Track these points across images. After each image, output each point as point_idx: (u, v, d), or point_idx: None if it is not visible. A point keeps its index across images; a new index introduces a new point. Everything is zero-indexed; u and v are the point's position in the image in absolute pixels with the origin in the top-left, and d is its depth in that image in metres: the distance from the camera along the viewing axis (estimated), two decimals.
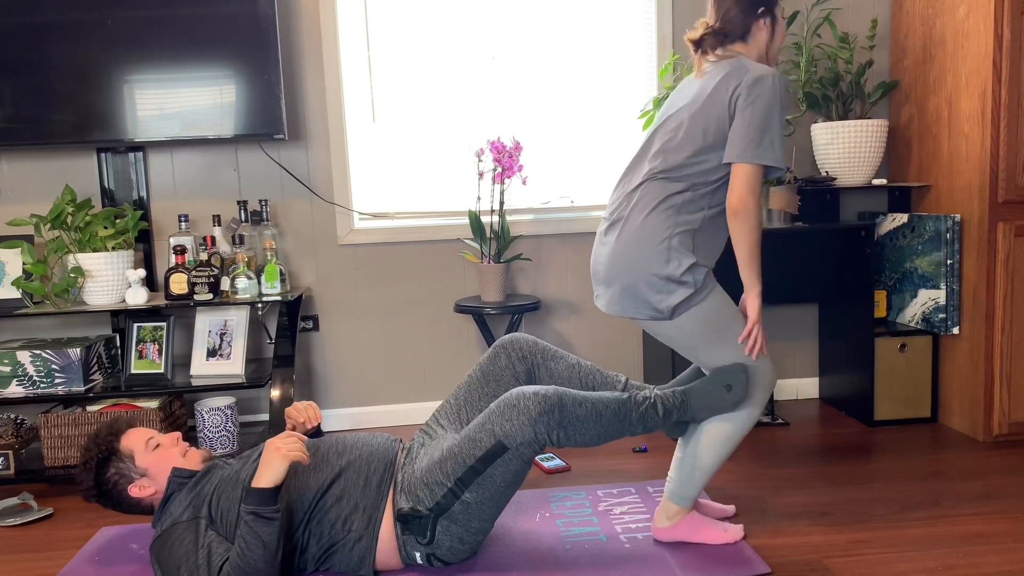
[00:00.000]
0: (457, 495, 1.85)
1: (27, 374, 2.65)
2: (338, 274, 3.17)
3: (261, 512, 1.71)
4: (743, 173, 1.85)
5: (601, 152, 3.25)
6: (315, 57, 3.05)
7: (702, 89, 1.94)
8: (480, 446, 1.84)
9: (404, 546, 1.90)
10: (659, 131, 2.00)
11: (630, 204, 1.97)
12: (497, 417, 1.84)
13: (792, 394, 3.42)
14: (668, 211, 1.92)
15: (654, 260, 1.91)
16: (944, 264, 2.85)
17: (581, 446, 1.91)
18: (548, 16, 3.17)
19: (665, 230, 1.91)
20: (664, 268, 1.90)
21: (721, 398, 1.96)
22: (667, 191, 1.92)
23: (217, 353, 2.87)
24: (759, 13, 1.97)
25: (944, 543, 2.05)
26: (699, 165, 1.91)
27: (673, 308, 1.91)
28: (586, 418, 1.87)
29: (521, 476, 1.90)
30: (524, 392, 1.86)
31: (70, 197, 2.71)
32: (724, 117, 1.89)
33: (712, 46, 1.99)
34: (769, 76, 1.86)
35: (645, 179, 1.96)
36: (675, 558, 2.00)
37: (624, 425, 1.92)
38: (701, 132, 1.90)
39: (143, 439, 2.00)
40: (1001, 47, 2.63)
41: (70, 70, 2.77)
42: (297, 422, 2.12)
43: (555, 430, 1.83)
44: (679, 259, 1.90)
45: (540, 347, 2.18)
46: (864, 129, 2.97)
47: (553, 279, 3.27)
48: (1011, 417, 2.77)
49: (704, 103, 1.91)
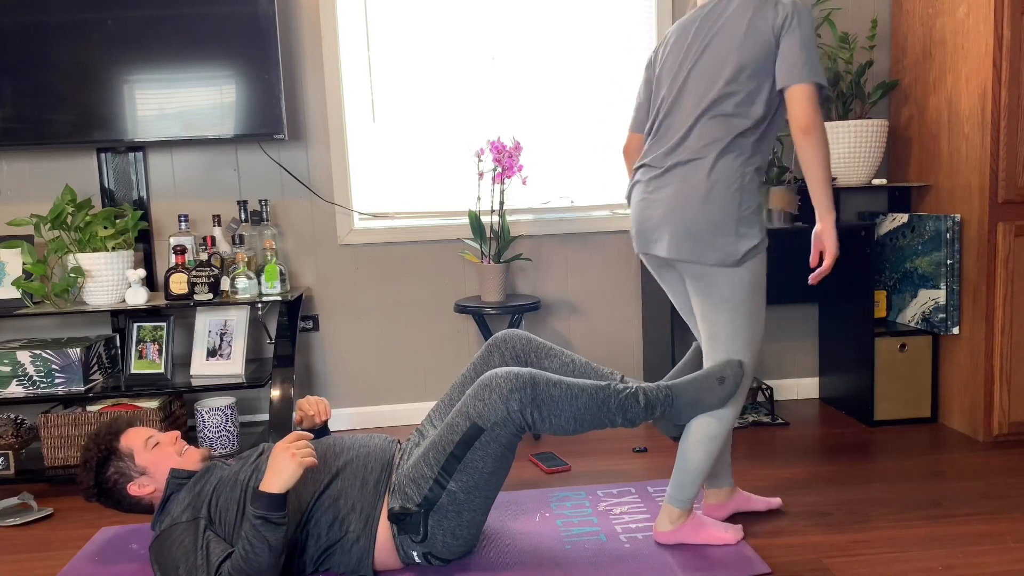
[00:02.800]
0: (443, 485, 1.85)
1: (27, 374, 2.65)
2: (338, 274, 3.17)
3: (270, 517, 1.70)
4: (806, 93, 1.83)
5: (601, 152, 3.25)
6: (315, 57, 3.05)
7: (734, 24, 1.91)
8: (456, 431, 1.84)
9: (401, 546, 1.90)
10: (691, 76, 1.95)
11: (689, 147, 1.93)
12: (471, 399, 1.85)
13: (792, 394, 3.42)
14: (736, 151, 1.90)
15: (729, 203, 1.88)
16: (944, 264, 2.85)
17: (559, 432, 1.87)
18: (548, 16, 3.17)
19: (737, 169, 1.89)
20: (738, 211, 1.88)
21: (711, 391, 1.94)
22: (733, 129, 1.90)
23: (217, 353, 2.87)
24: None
25: (944, 543, 2.05)
26: (754, 103, 1.89)
27: (743, 254, 1.89)
28: (560, 399, 1.84)
29: (504, 462, 1.88)
30: (497, 372, 1.86)
31: (70, 197, 2.71)
32: (771, 51, 1.87)
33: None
34: (800, 4, 1.87)
35: (697, 119, 1.92)
36: (675, 558, 2.00)
37: (602, 412, 1.88)
38: (751, 67, 1.88)
39: (142, 438, 2.00)
40: (1001, 47, 2.63)
41: (70, 70, 2.77)
42: (308, 415, 2.13)
43: (528, 408, 1.81)
44: (752, 202, 1.89)
45: (534, 345, 2.17)
46: (864, 129, 2.97)
47: (553, 279, 3.27)
48: (1011, 417, 2.77)
49: (744, 38, 1.88)
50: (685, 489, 2.04)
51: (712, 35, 1.94)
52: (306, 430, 2.16)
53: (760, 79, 1.89)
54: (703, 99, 1.93)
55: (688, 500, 2.05)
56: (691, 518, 2.07)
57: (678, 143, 1.96)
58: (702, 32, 1.97)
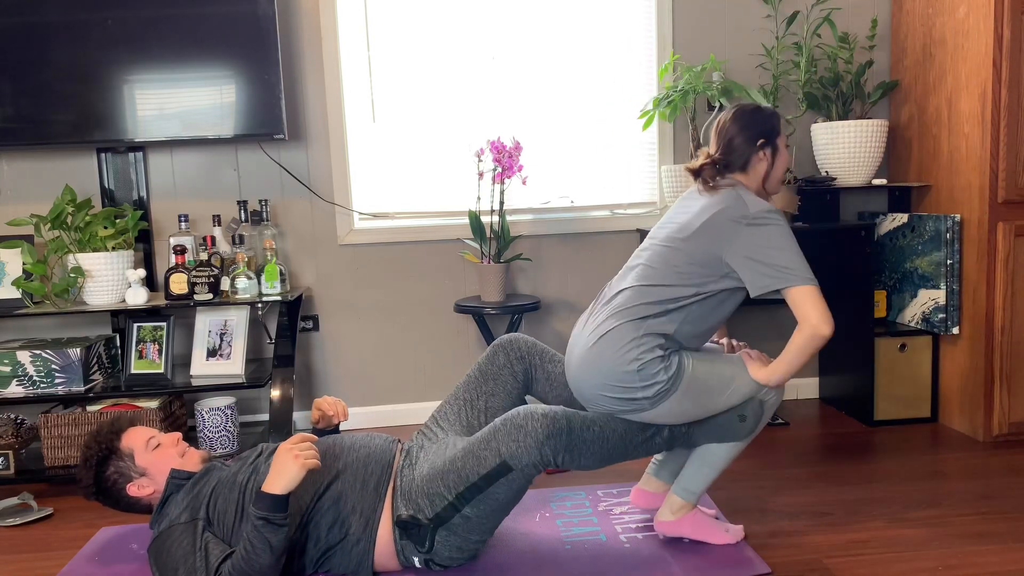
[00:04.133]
0: (458, 509, 1.85)
1: (27, 374, 2.65)
2: (338, 274, 3.17)
3: (272, 518, 1.70)
4: (809, 294, 1.85)
5: (601, 152, 3.25)
6: (315, 57, 3.05)
7: (699, 214, 1.95)
8: (484, 464, 1.83)
9: (403, 551, 1.90)
10: (651, 247, 2.01)
11: (606, 311, 1.97)
12: (504, 436, 1.83)
13: (792, 394, 3.42)
14: (637, 322, 1.92)
15: (622, 365, 1.89)
16: (944, 264, 2.85)
17: (580, 469, 1.92)
18: (548, 16, 3.17)
19: (633, 338, 1.90)
20: (632, 367, 1.89)
21: (732, 428, 1.97)
22: (643, 311, 1.92)
23: (217, 353, 2.87)
24: (760, 144, 2.00)
25: (944, 543, 2.05)
26: (681, 289, 1.92)
27: (651, 399, 1.91)
28: (593, 442, 1.87)
29: (523, 492, 1.90)
30: (532, 413, 1.84)
31: (70, 197, 2.71)
32: (718, 248, 1.90)
33: (711, 176, 2.01)
34: (774, 212, 1.89)
35: (624, 289, 1.97)
36: (675, 558, 2.00)
37: (628, 450, 1.94)
38: (688, 258, 1.91)
39: (143, 438, 1.99)
40: (1001, 47, 2.63)
41: (70, 70, 2.77)
42: (327, 414, 2.13)
43: (561, 453, 1.83)
44: (648, 366, 1.89)
45: (539, 349, 2.20)
46: (864, 129, 2.97)
47: (553, 279, 3.27)
48: (1011, 417, 2.77)
49: (699, 230, 1.92)
50: (695, 482, 2.04)
51: (685, 217, 2.01)
52: (320, 430, 2.16)
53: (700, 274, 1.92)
54: (639, 273, 1.99)
55: (695, 494, 2.05)
56: (693, 512, 2.07)
57: (607, 302, 2.02)
58: (683, 209, 2.05)
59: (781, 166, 2.06)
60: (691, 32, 3.18)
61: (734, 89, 2.91)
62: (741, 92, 2.90)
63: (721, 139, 2.03)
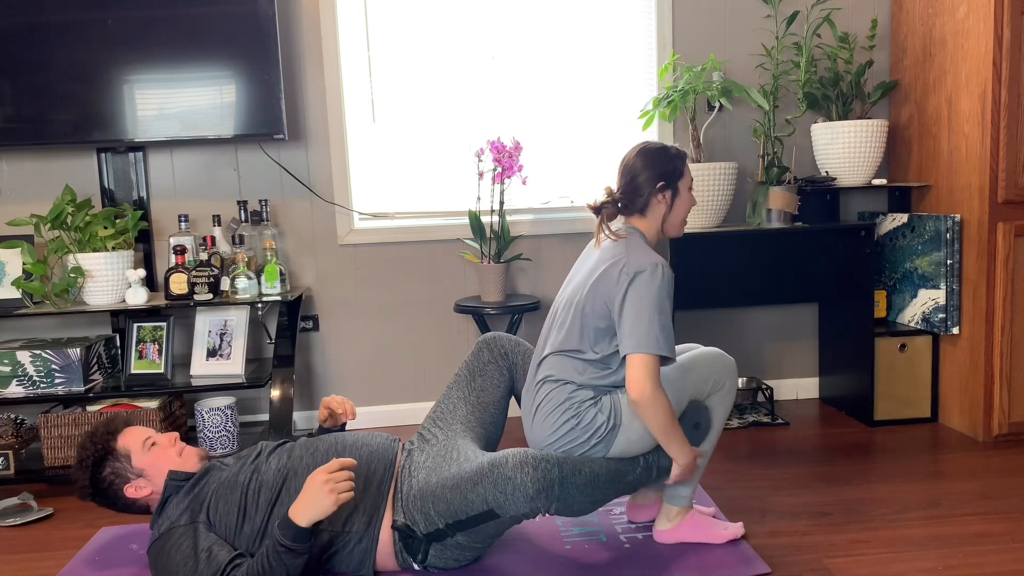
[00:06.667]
0: (450, 535, 1.86)
1: (27, 374, 2.65)
2: (338, 274, 3.17)
3: (295, 548, 1.69)
4: (640, 363, 1.83)
5: (601, 152, 3.25)
6: (315, 57, 3.05)
7: (593, 269, 1.95)
8: (472, 507, 1.81)
9: (401, 551, 1.90)
10: (563, 306, 2.00)
11: (538, 377, 1.99)
12: (490, 485, 1.78)
13: (792, 394, 3.42)
14: (562, 386, 1.93)
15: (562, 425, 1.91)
16: (944, 264, 2.85)
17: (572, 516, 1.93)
18: (548, 16, 3.17)
19: (564, 400, 1.92)
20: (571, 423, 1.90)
21: (692, 436, 2.02)
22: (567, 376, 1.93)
23: (217, 353, 2.87)
24: (659, 188, 1.97)
25: (944, 543, 2.05)
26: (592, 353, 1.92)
27: (603, 440, 1.90)
28: (584, 487, 1.85)
29: (517, 522, 1.88)
30: (523, 464, 1.78)
31: (70, 197, 2.71)
32: (608, 304, 1.89)
33: (611, 215, 2.00)
34: (647, 271, 1.85)
35: (550, 353, 1.97)
36: (675, 558, 2.00)
37: (617, 489, 1.94)
38: (592, 314, 1.91)
39: (140, 438, 1.97)
40: (1001, 47, 2.63)
41: (70, 70, 2.77)
42: (335, 412, 2.12)
43: (553, 504, 1.81)
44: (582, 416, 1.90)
45: (522, 349, 2.21)
46: (864, 129, 2.97)
47: (553, 279, 3.26)
48: (1011, 417, 2.77)
49: (592, 287, 1.92)
50: (682, 486, 2.04)
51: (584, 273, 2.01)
52: (327, 429, 2.16)
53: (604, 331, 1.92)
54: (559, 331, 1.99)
55: (686, 498, 2.06)
56: (690, 516, 2.08)
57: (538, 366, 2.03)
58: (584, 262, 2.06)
59: (680, 210, 2.01)
60: (691, 32, 3.18)
61: (734, 89, 2.91)
62: (741, 92, 2.90)
63: (623, 176, 2.00)
